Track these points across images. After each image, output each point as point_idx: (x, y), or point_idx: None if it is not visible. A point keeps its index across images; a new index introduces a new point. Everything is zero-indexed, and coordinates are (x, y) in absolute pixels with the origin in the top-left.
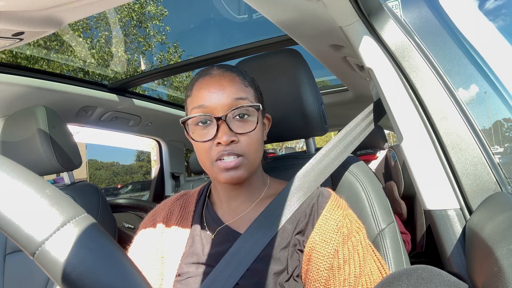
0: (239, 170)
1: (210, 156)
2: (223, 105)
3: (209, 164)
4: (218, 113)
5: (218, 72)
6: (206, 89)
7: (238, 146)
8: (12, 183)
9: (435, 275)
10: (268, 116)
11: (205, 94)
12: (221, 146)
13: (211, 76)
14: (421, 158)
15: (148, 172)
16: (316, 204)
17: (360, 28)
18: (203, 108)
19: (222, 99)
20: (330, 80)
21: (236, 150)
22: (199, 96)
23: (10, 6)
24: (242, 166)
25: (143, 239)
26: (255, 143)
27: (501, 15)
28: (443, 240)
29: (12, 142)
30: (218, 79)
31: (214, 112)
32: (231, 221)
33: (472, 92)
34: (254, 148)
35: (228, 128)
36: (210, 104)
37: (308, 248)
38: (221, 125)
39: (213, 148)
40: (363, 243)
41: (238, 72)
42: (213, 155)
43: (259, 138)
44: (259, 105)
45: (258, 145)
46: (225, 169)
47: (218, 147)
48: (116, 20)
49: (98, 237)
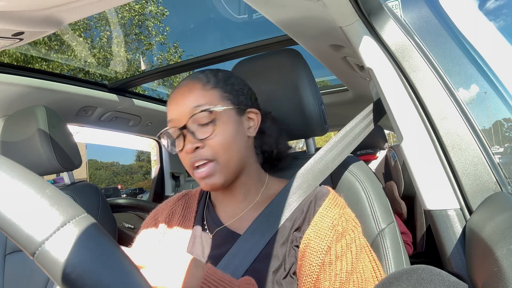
0: (213, 177)
1: (188, 165)
2: (183, 115)
3: (192, 173)
4: (180, 123)
5: (183, 83)
6: (171, 102)
7: (204, 151)
8: (12, 183)
9: (435, 275)
10: (254, 111)
11: (170, 108)
12: (190, 154)
13: (177, 89)
14: (421, 158)
15: (148, 172)
16: (314, 201)
17: (360, 28)
18: (171, 122)
19: (182, 110)
20: (330, 80)
21: (204, 155)
22: (168, 110)
23: (10, 6)
24: (216, 172)
25: (146, 239)
26: (223, 145)
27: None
28: (443, 240)
29: (12, 142)
30: (180, 90)
31: (178, 124)
32: (230, 222)
33: (472, 92)
34: (223, 149)
35: (191, 136)
36: (174, 117)
37: (303, 244)
38: (186, 135)
39: (186, 157)
40: (357, 242)
41: (202, 76)
42: (188, 164)
43: (228, 138)
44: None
45: (229, 145)
46: (200, 179)
47: (188, 155)
48: (116, 20)
49: (98, 237)
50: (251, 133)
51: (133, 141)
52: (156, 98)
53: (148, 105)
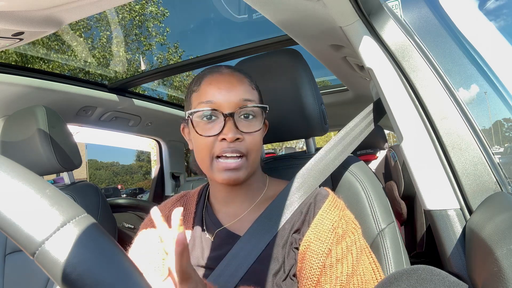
0: (239, 171)
1: (212, 152)
2: (231, 103)
3: (209, 161)
4: (226, 110)
5: (228, 71)
6: (215, 85)
7: (242, 144)
8: (12, 183)
9: (435, 275)
10: (266, 122)
11: (215, 90)
12: (225, 142)
13: (221, 74)
14: (421, 158)
15: (148, 172)
16: (313, 203)
17: (360, 28)
18: (211, 104)
19: (231, 97)
20: (330, 80)
21: (240, 148)
22: (208, 92)
23: (10, 6)
24: (243, 168)
25: (144, 240)
26: (258, 144)
27: (501, 15)
28: (443, 240)
29: (12, 142)
30: (228, 77)
31: (222, 109)
32: (230, 223)
33: (472, 92)
34: (256, 149)
35: (234, 125)
36: (219, 101)
37: (303, 246)
38: (228, 122)
39: (216, 144)
40: (357, 244)
41: (246, 74)
42: (216, 151)
43: (261, 139)
44: (267, 107)
45: (260, 146)
46: (225, 169)
47: (222, 143)
48: (116, 20)
49: (98, 237)
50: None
51: (133, 141)
52: (156, 98)
53: (148, 105)
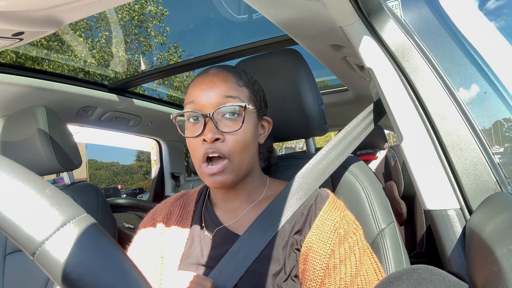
0: (224, 174)
1: (198, 155)
2: (211, 103)
3: (198, 166)
4: (207, 110)
5: (214, 71)
6: (198, 86)
7: (223, 145)
8: (12, 183)
9: (435, 275)
10: (268, 120)
11: (197, 91)
12: (206, 143)
13: (207, 75)
14: (421, 158)
15: (148, 172)
16: (314, 204)
17: (360, 28)
18: (193, 105)
19: (211, 97)
20: (330, 80)
21: (221, 149)
22: (192, 93)
23: (10, 6)
24: (227, 170)
25: (143, 238)
26: (242, 144)
27: (501, 15)
28: (443, 240)
29: (12, 142)
30: (212, 77)
31: (203, 109)
32: (230, 222)
33: (472, 92)
34: (239, 149)
35: (214, 125)
36: (200, 101)
37: (305, 248)
38: (208, 122)
39: (200, 146)
40: (360, 244)
41: (235, 72)
42: (200, 153)
43: (247, 139)
44: (245, 104)
45: (245, 146)
46: (209, 175)
47: (204, 145)
48: (116, 20)
49: (98, 237)
50: (261, 140)
51: (133, 141)
52: (156, 98)
53: (148, 105)
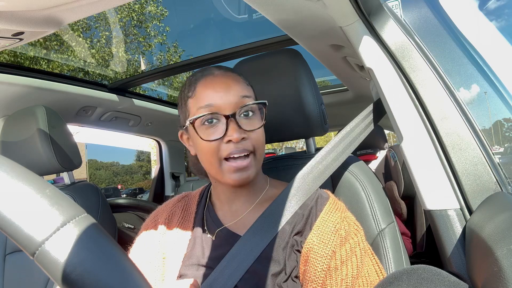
0: (249, 170)
1: (219, 155)
2: (230, 104)
3: (217, 164)
4: (226, 111)
5: (220, 72)
6: (211, 88)
7: (248, 143)
8: (12, 183)
9: (435, 275)
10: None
11: (211, 93)
12: (231, 144)
13: (215, 76)
14: (421, 158)
15: (148, 172)
16: (315, 206)
17: (360, 28)
18: (210, 107)
19: (229, 98)
20: (330, 80)
21: (247, 146)
22: (205, 96)
23: (10, 6)
24: (252, 166)
25: (145, 240)
26: (262, 140)
27: (501, 15)
28: (443, 240)
29: (12, 142)
30: (223, 78)
31: (222, 111)
32: (231, 223)
33: (472, 92)
34: (262, 145)
35: (237, 125)
36: (217, 103)
37: (306, 249)
38: (230, 123)
39: (223, 147)
40: (361, 245)
41: (238, 72)
42: (223, 153)
43: (263, 134)
44: (265, 102)
45: (263, 141)
46: (236, 170)
47: (229, 145)
48: (116, 20)
49: (98, 237)
50: None
51: (133, 141)
52: (156, 98)
53: (148, 105)
